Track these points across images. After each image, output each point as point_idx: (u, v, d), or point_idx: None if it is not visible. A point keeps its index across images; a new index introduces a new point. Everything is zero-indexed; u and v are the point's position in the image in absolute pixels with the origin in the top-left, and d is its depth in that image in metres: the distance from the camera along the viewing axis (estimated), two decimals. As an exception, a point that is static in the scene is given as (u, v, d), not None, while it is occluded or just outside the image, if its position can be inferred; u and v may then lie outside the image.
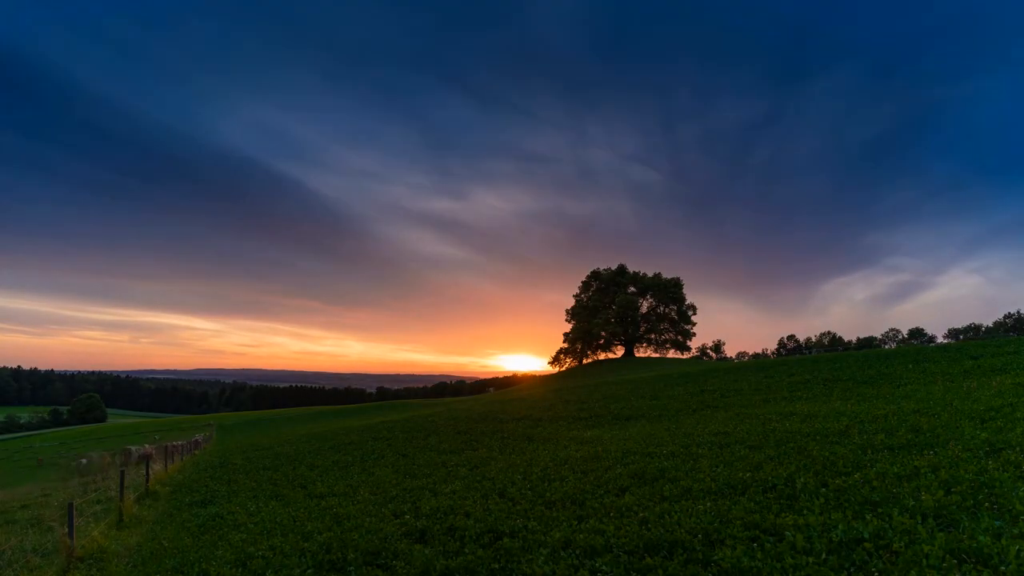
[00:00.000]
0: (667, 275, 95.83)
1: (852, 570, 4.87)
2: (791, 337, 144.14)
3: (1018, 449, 7.60)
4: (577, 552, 6.33)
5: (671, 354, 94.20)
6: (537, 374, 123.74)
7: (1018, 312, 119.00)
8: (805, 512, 6.44)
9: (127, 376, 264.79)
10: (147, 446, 35.56)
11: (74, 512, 9.46)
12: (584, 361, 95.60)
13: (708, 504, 7.33)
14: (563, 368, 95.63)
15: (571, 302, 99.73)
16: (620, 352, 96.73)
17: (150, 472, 16.91)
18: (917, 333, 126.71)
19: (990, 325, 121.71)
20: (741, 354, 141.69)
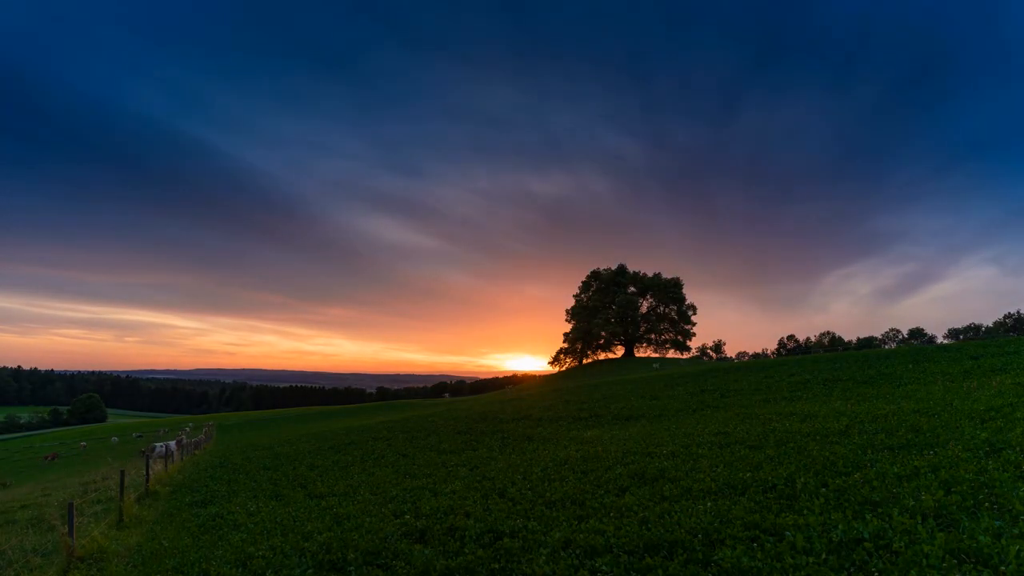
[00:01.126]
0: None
1: (852, 570, 4.87)
2: (791, 337, 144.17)
3: (1018, 449, 7.60)
4: (577, 552, 6.33)
5: (671, 354, 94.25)
6: (537, 374, 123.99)
7: (1018, 312, 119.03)
8: (805, 512, 6.44)
9: (127, 376, 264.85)
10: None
11: (74, 512, 9.46)
12: (584, 361, 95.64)
13: (708, 504, 7.34)
14: (563, 368, 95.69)
15: (556, 297, 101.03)
16: (620, 352, 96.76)
17: (150, 472, 16.90)
18: (917, 333, 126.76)
19: (990, 325, 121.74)
20: (741, 354, 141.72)
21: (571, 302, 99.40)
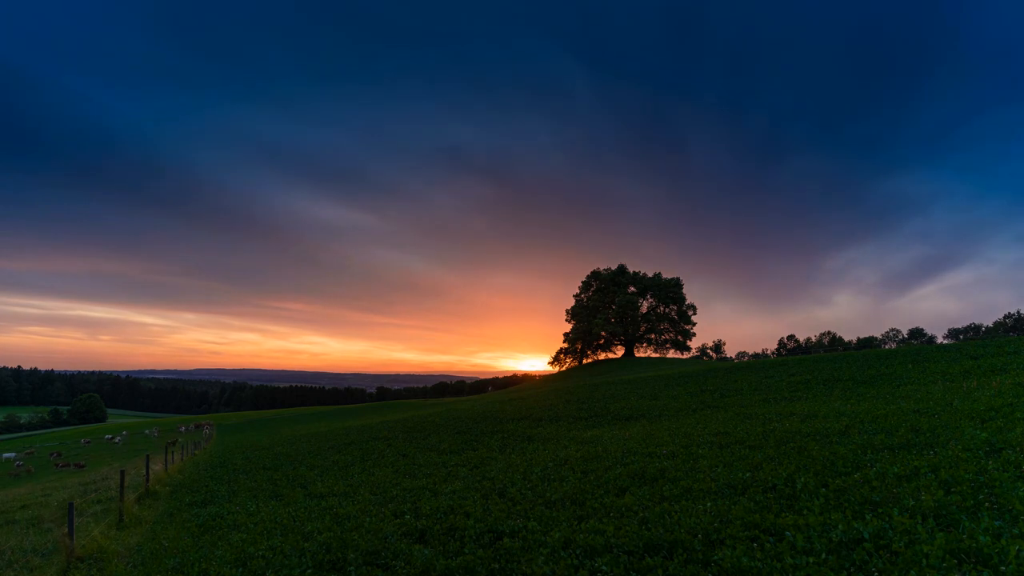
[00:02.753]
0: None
1: (852, 570, 4.87)
2: (791, 337, 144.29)
3: (1018, 449, 7.60)
4: (577, 552, 6.33)
5: (671, 354, 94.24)
6: (537, 374, 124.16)
7: (1018, 312, 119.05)
8: (805, 512, 6.44)
9: (127, 376, 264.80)
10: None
11: (74, 512, 9.46)
12: (584, 361, 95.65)
13: (708, 504, 7.33)
14: (563, 368, 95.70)
15: (529, 288, 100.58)
16: (620, 352, 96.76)
17: (150, 472, 16.91)
18: (917, 333, 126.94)
19: (990, 325, 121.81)
20: (741, 354, 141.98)
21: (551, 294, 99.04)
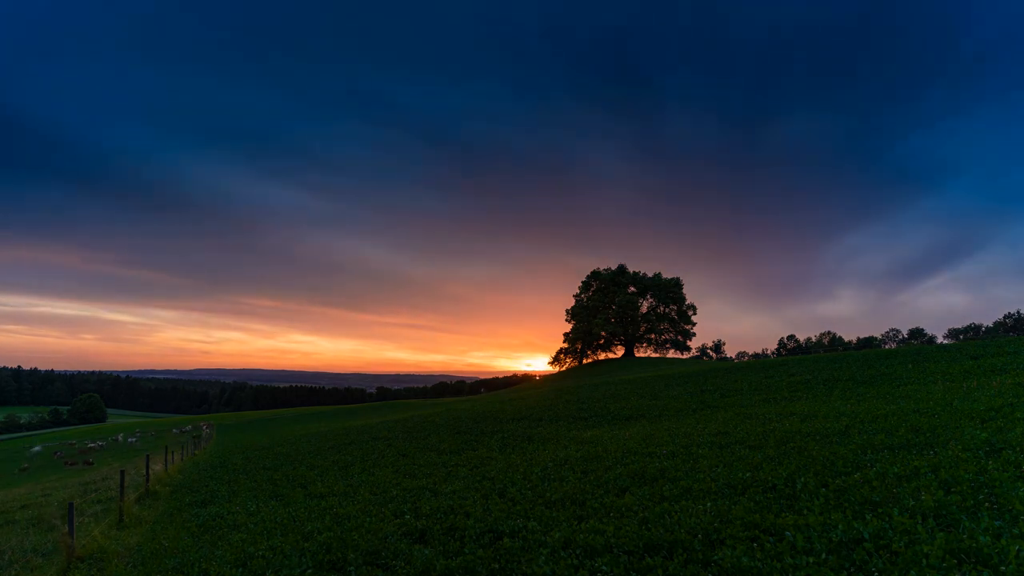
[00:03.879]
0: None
1: (852, 570, 4.87)
2: (791, 337, 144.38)
3: (1018, 449, 7.60)
4: (577, 552, 6.33)
5: (671, 354, 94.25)
6: (537, 374, 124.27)
7: (1018, 312, 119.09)
8: (805, 512, 6.44)
9: (127, 376, 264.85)
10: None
11: (74, 512, 9.46)
12: (584, 361, 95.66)
13: (708, 504, 7.33)
14: (563, 368, 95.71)
15: (502, 280, 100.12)
16: (620, 352, 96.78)
17: (150, 472, 16.91)
18: (917, 333, 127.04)
19: (990, 325, 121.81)
20: (741, 354, 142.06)
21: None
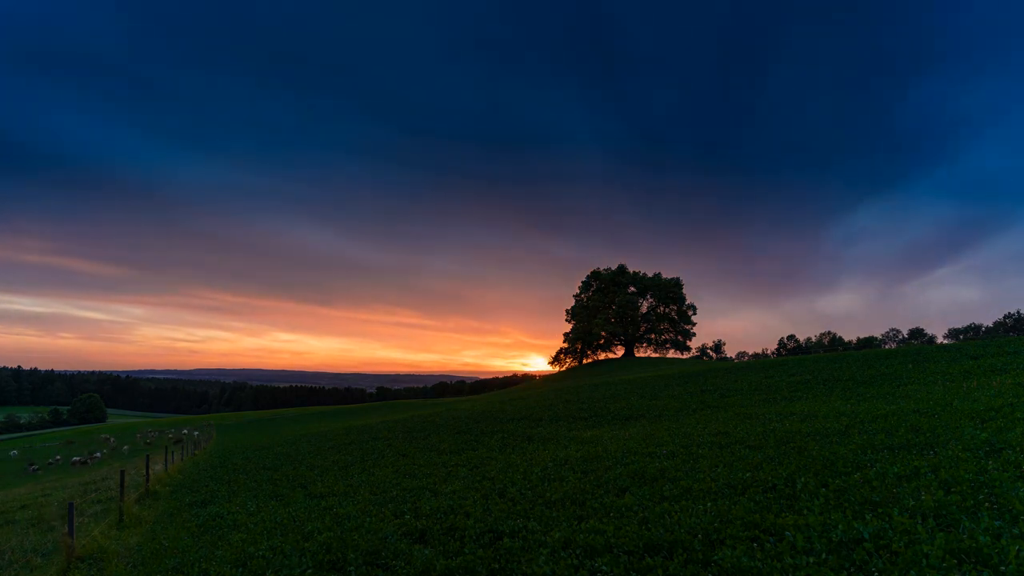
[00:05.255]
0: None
1: (852, 570, 4.87)
2: (791, 337, 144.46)
3: (1018, 449, 7.60)
4: (577, 552, 6.33)
5: (671, 354, 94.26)
6: (537, 374, 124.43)
7: (1018, 312, 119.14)
8: (805, 512, 6.44)
9: (127, 376, 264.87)
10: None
11: (74, 512, 9.46)
12: (584, 361, 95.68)
13: (708, 504, 7.33)
14: (563, 368, 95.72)
15: (461, 270, 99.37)
16: (620, 352, 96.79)
17: (150, 472, 16.91)
18: (917, 333, 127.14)
19: (990, 325, 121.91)
20: (741, 354, 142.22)
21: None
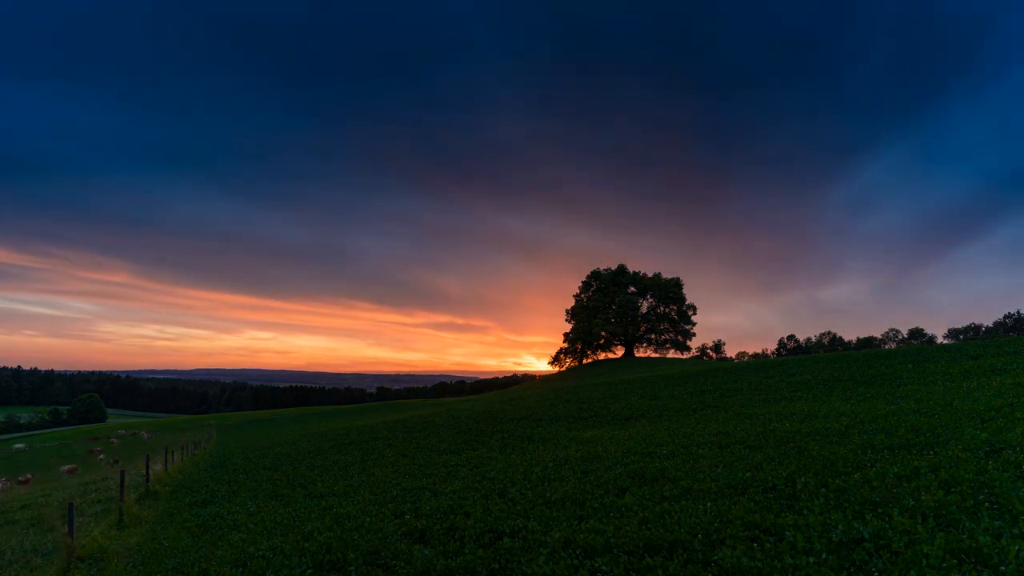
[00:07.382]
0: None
1: (852, 570, 4.87)
2: (791, 337, 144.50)
3: (1018, 449, 7.60)
4: (577, 552, 6.33)
5: (671, 354, 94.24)
6: (538, 374, 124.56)
7: (1018, 312, 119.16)
8: (805, 512, 6.44)
9: (127, 376, 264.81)
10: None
11: (74, 512, 9.46)
12: (584, 361, 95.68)
13: (708, 504, 7.33)
14: (563, 368, 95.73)
15: (417, 257, 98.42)
16: (620, 352, 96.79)
17: (150, 472, 16.91)
18: (917, 333, 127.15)
19: (990, 325, 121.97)
20: (741, 354, 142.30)
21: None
